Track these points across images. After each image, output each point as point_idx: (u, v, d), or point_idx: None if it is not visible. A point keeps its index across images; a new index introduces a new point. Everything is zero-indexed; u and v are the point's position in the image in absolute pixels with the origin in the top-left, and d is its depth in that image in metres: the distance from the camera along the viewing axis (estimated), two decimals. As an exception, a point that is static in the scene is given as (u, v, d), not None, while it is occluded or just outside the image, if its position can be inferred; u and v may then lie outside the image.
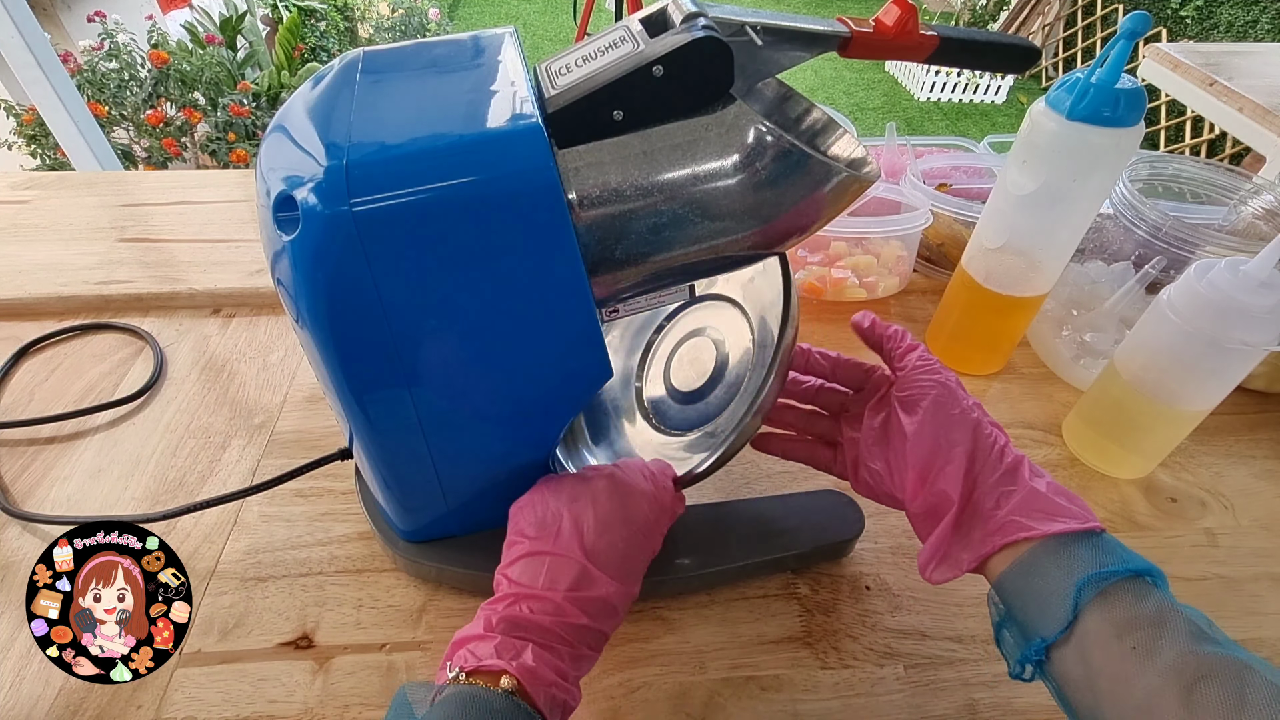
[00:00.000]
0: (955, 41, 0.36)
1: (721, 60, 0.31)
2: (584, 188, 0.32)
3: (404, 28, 3.54)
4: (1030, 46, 0.39)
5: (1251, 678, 0.25)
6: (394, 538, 0.44)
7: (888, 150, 0.74)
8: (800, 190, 0.33)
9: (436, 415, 0.35)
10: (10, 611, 0.42)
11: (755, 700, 0.40)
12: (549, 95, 0.32)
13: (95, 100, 2.27)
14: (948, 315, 0.60)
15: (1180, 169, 0.64)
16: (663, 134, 0.32)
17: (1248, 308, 0.42)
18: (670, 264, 0.35)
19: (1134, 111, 0.44)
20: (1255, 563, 0.48)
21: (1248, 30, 2.82)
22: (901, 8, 0.34)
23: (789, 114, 0.40)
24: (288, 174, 0.30)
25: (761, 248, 0.36)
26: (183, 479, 0.51)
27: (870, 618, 0.44)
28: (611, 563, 0.33)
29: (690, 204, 0.33)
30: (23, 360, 0.60)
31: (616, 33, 0.33)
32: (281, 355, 0.61)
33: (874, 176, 0.35)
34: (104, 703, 0.38)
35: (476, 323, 0.33)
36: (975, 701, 0.40)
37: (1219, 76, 1.35)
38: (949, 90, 3.53)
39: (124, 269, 0.69)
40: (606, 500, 0.35)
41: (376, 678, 0.40)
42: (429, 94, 0.34)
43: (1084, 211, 0.49)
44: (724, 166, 0.32)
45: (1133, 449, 0.51)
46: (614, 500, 0.35)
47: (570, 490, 0.36)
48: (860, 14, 0.81)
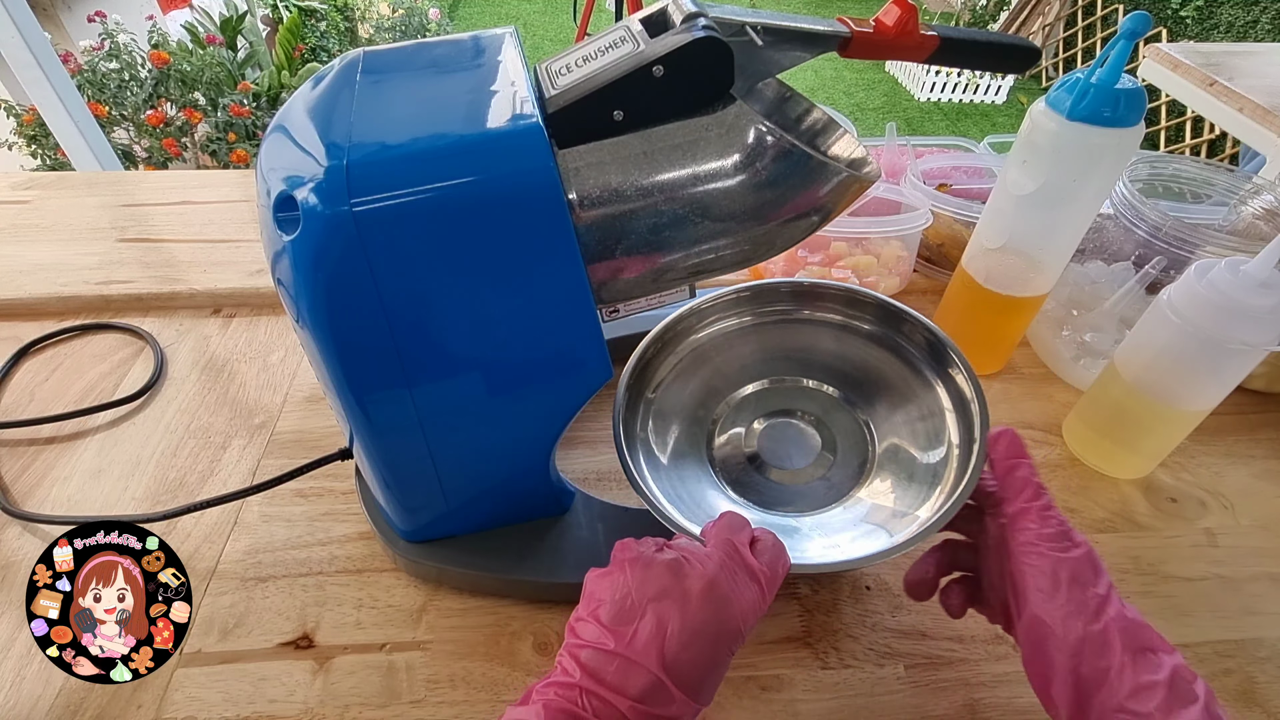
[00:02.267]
0: (955, 42, 0.36)
1: (721, 60, 0.31)
2: (584, 188, 0.32)
3: (404, 28, 3.54)
4: (1031, 47, 0.38)
5: None
6: (394, 537, 0.44)
7: (888, 150, 0.74)
8: (801, 190, 0.33)
9: (436, 415, 0.35)
10: (10, 611, 0.42)
11: (755, 700, 0.40)
12: (549, 95, 0.32)
13: (95, 100, 2.27)
14: (948, 315, 0.60)
15: (1180, 169, 0.64)
16: (663, 134, 0.32)
17: (1248, 308, 0.41)
18: (671, 264, 0.35)
19: (1134, 111, 0.44)
20: (1255, 563, 0.48)
21: (1248, 30, 2.81)
22: (902, 8, 0.34)
23: (789, 114, 0.40)
24: (288, 174, 0.30)
25: (763, 247, 0.36)
26: (183, 479, 0.51)
27: (870, 618, 0.44)
28: (691, 680, 0.29)
29: (690, 204, 0.33)
30: (23, 360, 0.60)
31: (617, 33, 0.33)
32: (281, 355, 0.61)
33: (874, 176, 0.35)
34: (104, 703, 0.38)
35: (476, 323, 0.33)
36: (975, 701, 0.40)
37: (1219, 76, 1.35)
38: (949, 90, 3.52)
39: (124, 269, 0.69)
40: (700, 608, 0.29)
41: (377, 678, 0.40)
42: (429, 94, 0.34)
43: (1084, 211, 0.49)
44: (724, 167, 0.32)
45: (1133, 449, 0.51)
46: (708, 609, 0.29)
47: (660, 582, 0.30)
48: (859, 14, 0.82)
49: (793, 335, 0.49)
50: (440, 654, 0.41)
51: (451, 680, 0.40)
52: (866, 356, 0.48)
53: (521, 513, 0.44)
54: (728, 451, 0.47)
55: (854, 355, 0.48)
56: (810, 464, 0.46)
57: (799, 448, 0.47)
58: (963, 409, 0.42)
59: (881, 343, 0.47)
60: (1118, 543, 0.48)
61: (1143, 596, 0.45)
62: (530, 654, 0.41)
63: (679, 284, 0.38)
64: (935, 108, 3.53)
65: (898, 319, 0.46)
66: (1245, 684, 0.41)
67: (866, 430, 0.46)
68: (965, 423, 0.41)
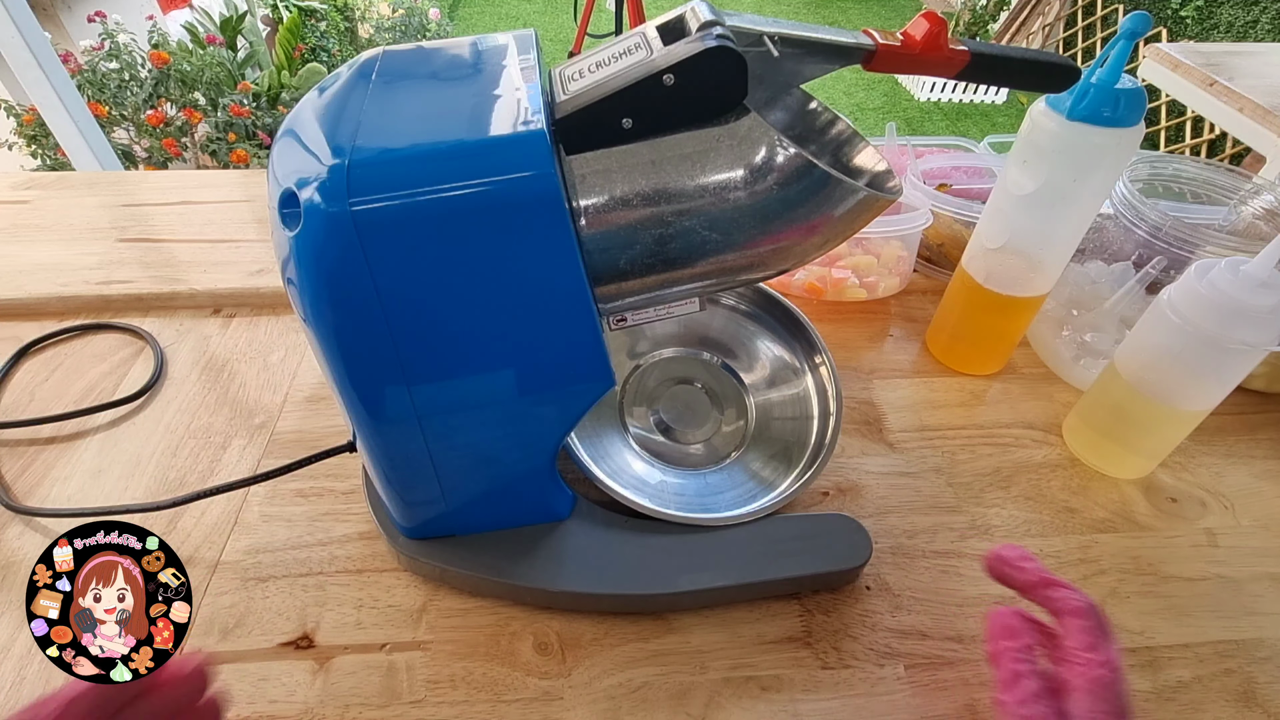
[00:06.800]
0: (987, 58, 0.34)
1: (734, 71, 0.30)
2: (590, 195, 0.32)
3: (404, 28, 3.54)
4: (1071, 66, 0.36)
5: None
6: (396, 535, 0.44)
7: (888, 150, 0.74)
8: (816, 207, 0.32)
9: (435, 415, 0.36)
10: (10, 611, 0.43)
11: (755, 700, 0.40)
12: (559, 100, 0.32)
13: (95, 100, 2.27)
14: (948, 315, 0.60)
15: (1180, 169, 0.64)
16: (672, 144, 0.31)
17: (1248, 308, 0.42)
18: (679, 276, 0.34)
19: (1134, 111, 0.44)
20: (1255, 563, 0.48)
21: (1248, 30, 2.81)
22: (931, 21, 0.32)
23: (812, 125, 0.39)
24: (294, 171, 0.30)
25: (774, 264, 0.35)
26: (183, 479, 0.51)
27: (870, 618, 0.44)
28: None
29: (699, 216, 0.32)
30: (23, 360, 0.60)
31: (631, 39, 0.33)
32: (282, 355, 0.61)
33: (896, 193, 0.33)
34: (104, 703, 0.38)
35: (474, 327, 0.33)
36: (975, 701, 0.40)
37: (1219, 76, 1.35)
38: (949, 90, 3.53)
39: (124, 269, 0.69)
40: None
41: (377, 678, 0.40)
42: (440, 97, 0.34)
43: (1084, 211, 0.49)
44: (734, 179, 0.31)
45: (1133, 449, 0.51)
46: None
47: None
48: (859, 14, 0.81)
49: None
50: (440, 654, 0.41)
51: (452, 680, 0.40)
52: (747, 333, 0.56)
53: (522, 517, 0.44)
54: (639, 418, 0.54)
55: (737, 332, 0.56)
56: (705, 427, 0.53)
57: (695, 412, 0.54)
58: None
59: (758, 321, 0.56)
60: (1118, 543, 0.48)
61: (1143, 596, 0.45)
62: (530, 654, 0.41)
63: (688, 295, 0.38)
64: (935, 108, 3.53)
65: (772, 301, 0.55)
66: (1245, 684, 0.41)
67: (748, 398, 0.54)
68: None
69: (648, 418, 0.53)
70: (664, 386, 0.55)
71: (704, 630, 0.43)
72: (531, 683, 0.40)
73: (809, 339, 0.53)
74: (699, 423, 0.53)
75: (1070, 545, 0.48)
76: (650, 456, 0.51)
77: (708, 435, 0.53)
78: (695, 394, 0.54)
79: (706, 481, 0.50)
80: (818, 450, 0.48)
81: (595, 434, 0.50)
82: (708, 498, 0.49)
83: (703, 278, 0.35)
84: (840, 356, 0.62)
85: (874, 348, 0.64)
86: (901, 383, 0.60)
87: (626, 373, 0.55)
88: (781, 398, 0.53)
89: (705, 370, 0.55)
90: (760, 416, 0.53)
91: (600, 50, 0.33)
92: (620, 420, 0.52)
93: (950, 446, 0.54)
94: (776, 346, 0.55)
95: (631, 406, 0.53)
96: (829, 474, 0.52)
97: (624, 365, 0.55)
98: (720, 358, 0.56)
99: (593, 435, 0.50)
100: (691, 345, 0.56)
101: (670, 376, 0.55)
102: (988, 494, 0.51)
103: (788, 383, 0.54)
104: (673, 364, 0.56)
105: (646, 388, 0.55)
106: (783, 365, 0.54)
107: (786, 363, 0.54)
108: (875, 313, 0.68)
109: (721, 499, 0.48)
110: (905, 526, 0.49)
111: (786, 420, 0.52)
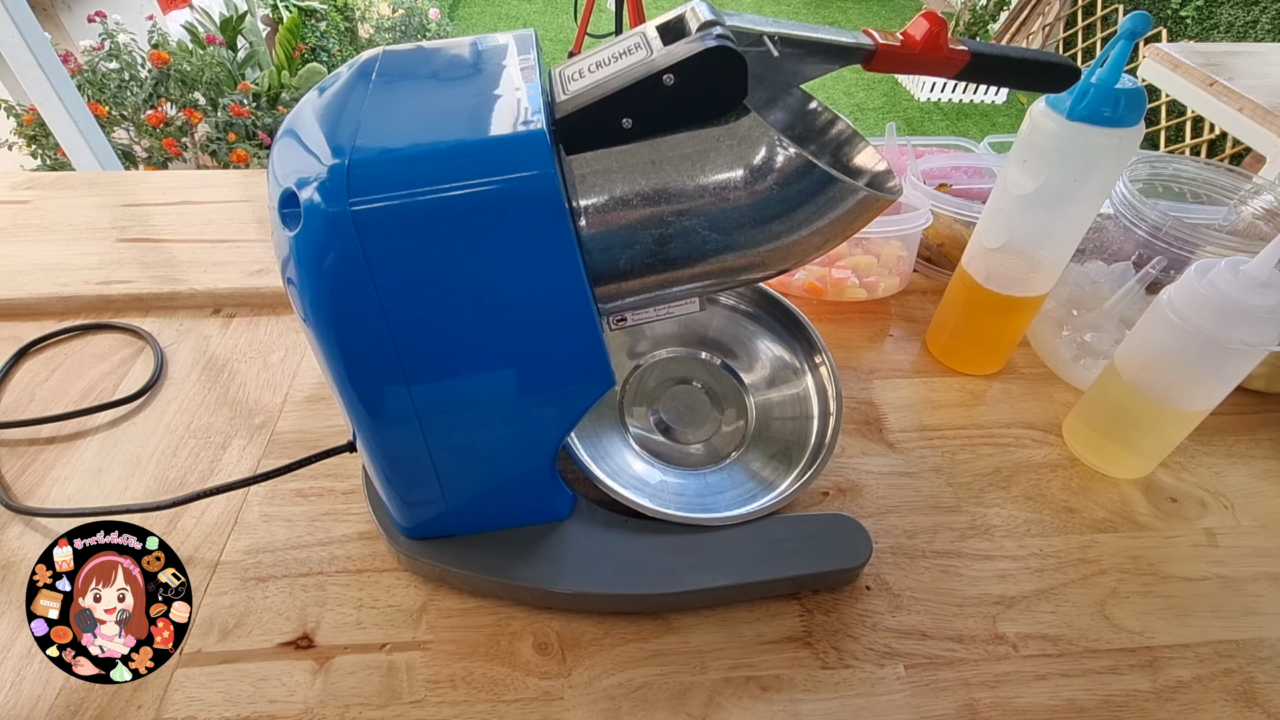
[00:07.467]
0: (987, 58, 0.34)
1: (734, 71, 0.30)
2: (590, 195, 0.32)
3: (404, 28, 3.55)
4: (1070, 66, 0.36)
5: None
6: (396, 534, 0.44)
7: (888, 150, 0.74)
8: (815, 207, 0.32)
9: (435, 416, 0.36)
10: (10, 611, 0.42)
11: (755, 700, 0.40)
12: (559, 100, 0.32)
13: (95, 100, 2.27)
14: (948, 315, 0.60)
15: (1180, 169, 0.64)
16: (672, 144, 0.31)
17: (1248, 308, 0.42)
18: (679, 276, 0.34)
19: (1134, 111, 0.44)
20: (1255, 563, 0.48)
21: (1248, 30, 2.82)
22: (932, 21, 0.33)
23: (812, 125, 0.39)
24: (294, 170, 0.30)
25: (774, 264, 0.35)
26: (183, 479, 0.51)
27: (870, 618, 0.44)
28: None
29: (699, 217, 0.32)
30: (23, 360, 0.60)
31: (631, 39, 0.33)
32: (282, 355, 0.61)
33: (896, 193, 0.34)
34: (104, 703, 0.38)
35: (474, 327, 0.33)
36: (975, 701, 0.40)
37: (1219, 76, 1.35)
38: (949, 90, 3.53)
39: (124, 269, 0.69)
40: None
41: (377, 678, 0.40)
42: (440, 97, 0.34)
43: (1084, 211, 0.49)
44: (734, 179, 0.31)
45: (1133, 449, 0.51)
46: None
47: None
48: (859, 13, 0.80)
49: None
50: (440, 654, 0.41)
51: (452, 680, 0.40)
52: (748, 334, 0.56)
53: (522, 517, 0.44)
54: (638, 418, 0.54)
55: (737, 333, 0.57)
56: (705, 427, 0.53)
57: (695, 412, 0.54)
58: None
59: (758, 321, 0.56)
60: (1118, 543, 0.48)
61: (1143, 596, 0.45)
62: (531, 654, 0.41)
63: (688, 295, 0.38)
64: (935, 107, 3.53)
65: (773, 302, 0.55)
66: (1245, 684, 0.41)
67: (748, 398, 0.54)
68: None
69: (648, 418, 0.53)
70: (664, 386, 0.55)
71: (704, 630, 0.43)
72: (531, 683, 0.40)
73: (809, 339, 0.53)
74: (699, 423, 0.53)
75: (1070, 545, 0.48)
76: (650, 456, 0.51)
77: (708, 435, 0.53)
78: (695, 394, 0.55)
79: (706, 481, 0.50)
80: (818, 450, 0.48)
81: (595, 434, 0.50)
82: (708, 498, 0.49)
83: (703, 278, 0.35)
84: (840, 356, 0.62)
85: (874, 348, 0.64)
86: (901, 383, 0.60)
87: (626, 373, 0.55)
88: (781, 398, 0.53)
89: (705, 370, 0.55)
90: (760, 416, 0.53)
91: (600, 50, 0.33)
92: (620, 420, 0.52)
93: (950, 446, 0.55)
94: (776, 346, 0.55)
95: (631, 406, 0.53)
96: (829, 474, 0.52)
97: (624, 365, 0.55)
98: (720, 358, 0.55)
99: (593, 435, 0.50)
100: (691, 345, 0.56)
101: (670, 376, 0.55)
102: (988, 494, 0.51)
103: (788, 383, 0.54)
104: (673, 364, 0.56)
105: (646, 388, 0.54)
106: (783, 365, 0.54)
107: (786, 363, 0.54)
108: (875, 313, 0.68)
109: (721, 499, 0.48)
110: (905, 526, 0.49)
111: (786, 420, 0.52)
